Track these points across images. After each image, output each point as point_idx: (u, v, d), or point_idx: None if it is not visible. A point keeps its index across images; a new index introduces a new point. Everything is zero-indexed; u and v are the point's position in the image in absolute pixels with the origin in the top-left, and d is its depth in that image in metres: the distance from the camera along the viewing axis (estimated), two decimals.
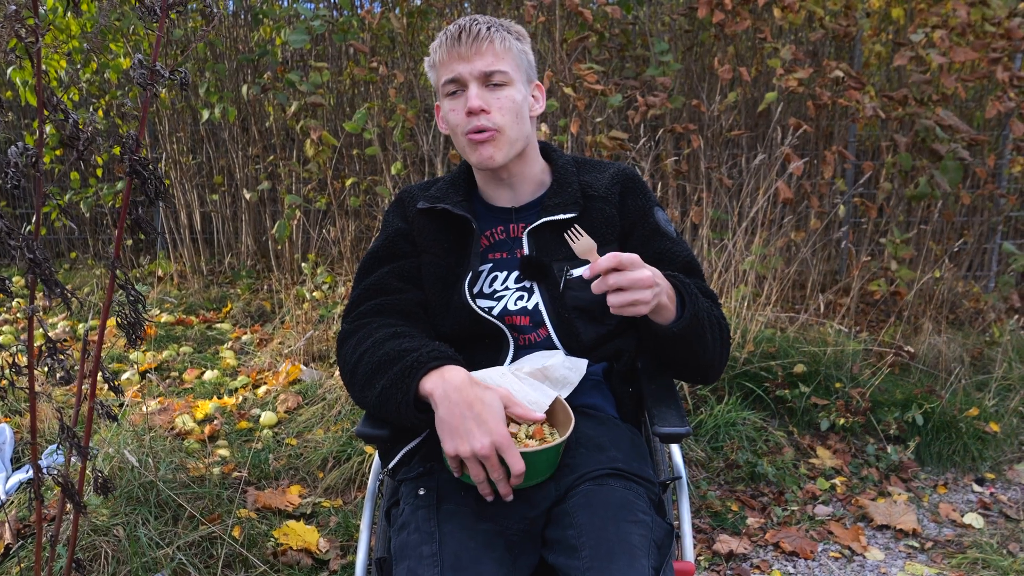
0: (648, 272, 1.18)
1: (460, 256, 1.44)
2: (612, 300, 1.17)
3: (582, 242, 1.26)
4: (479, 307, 1.39)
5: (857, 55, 4.38)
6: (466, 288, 1.39)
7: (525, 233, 1.43)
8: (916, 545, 2.46)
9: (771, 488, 2.72)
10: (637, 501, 1.20)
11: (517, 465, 1.11)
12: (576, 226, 1.29)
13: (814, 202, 3.67)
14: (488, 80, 1.37)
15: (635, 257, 1.18)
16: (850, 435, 3.03)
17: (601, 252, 1.30)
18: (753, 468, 2.75)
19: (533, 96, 1.47)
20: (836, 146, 3.69)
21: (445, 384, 1.15)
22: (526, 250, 1.43)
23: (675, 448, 1.55)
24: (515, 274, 1.43)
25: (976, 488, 2.82)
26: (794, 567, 2.34)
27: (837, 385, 3.15)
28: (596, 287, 1.18)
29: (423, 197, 1.50)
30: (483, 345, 1.40)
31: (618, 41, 4.05)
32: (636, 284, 1.16)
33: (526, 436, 1.22)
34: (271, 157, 4.49)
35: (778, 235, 3.70)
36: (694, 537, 2.08)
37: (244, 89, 3.93)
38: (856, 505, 2.66)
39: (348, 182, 3.97)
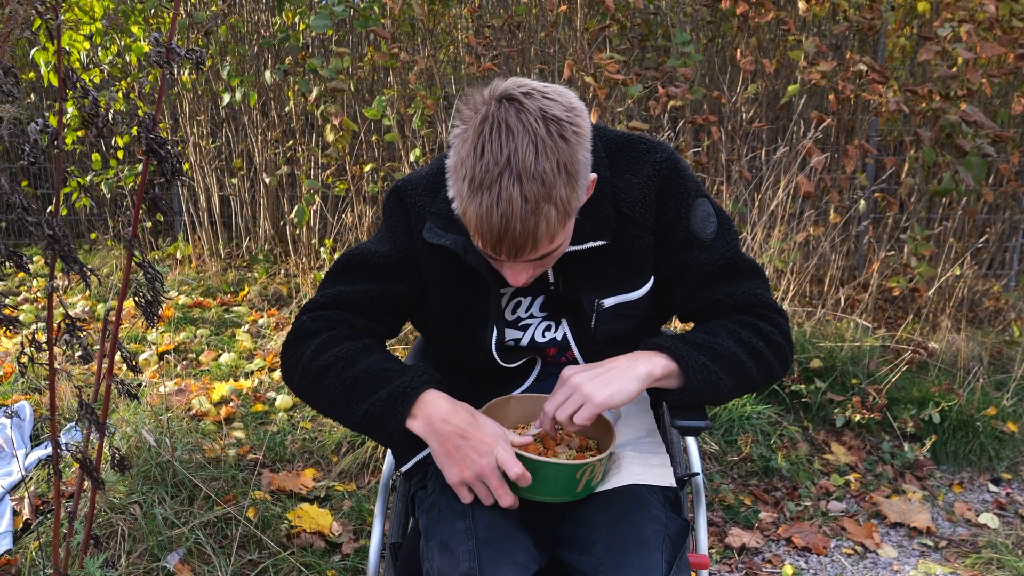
0: (570, 382, 1.16)
1: (475, 287, 1.29)
2: (579, 419, 1.14)
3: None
4: (504, 356, 1.32)
5: (881, 49, 4.32)
6: (494, 346, 1.30)
7: None
8: (930, 544, 2.44)
9: (784, 483, 2.71)
10: (651, 498, 1.20)
11: (514, 468, 1.09)
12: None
13: (834, 197, 3.63)
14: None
15: (554, 401, 1.17)
16: (865, 432, 3.01)
17: (636, 282, 1.30)
18: (767, 463, 2.74)
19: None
20: (858, 140, 3.65)
21: (432, 421, 1.14)
22: (551, 278, 1.31)
23: (691, 442, 1.55)
24: (540, 300, 1.33)
25: (992, 488, 2.80)
26: (806, 562, 2.33)
27: (853, 381, 3.12)
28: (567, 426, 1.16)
29: (431, 214, 1.28)
30: (506, 370, 1.35)
31: (639, 31, 4.02)
32: (573, 399, 1.15)
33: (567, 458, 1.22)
34: (290, 142, 4.50)
35: (797, 229, 3.67)
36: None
37: (267, 74, 3.93)
38: (870, 502, 2.64)
39: (367, 168, 3.97)
